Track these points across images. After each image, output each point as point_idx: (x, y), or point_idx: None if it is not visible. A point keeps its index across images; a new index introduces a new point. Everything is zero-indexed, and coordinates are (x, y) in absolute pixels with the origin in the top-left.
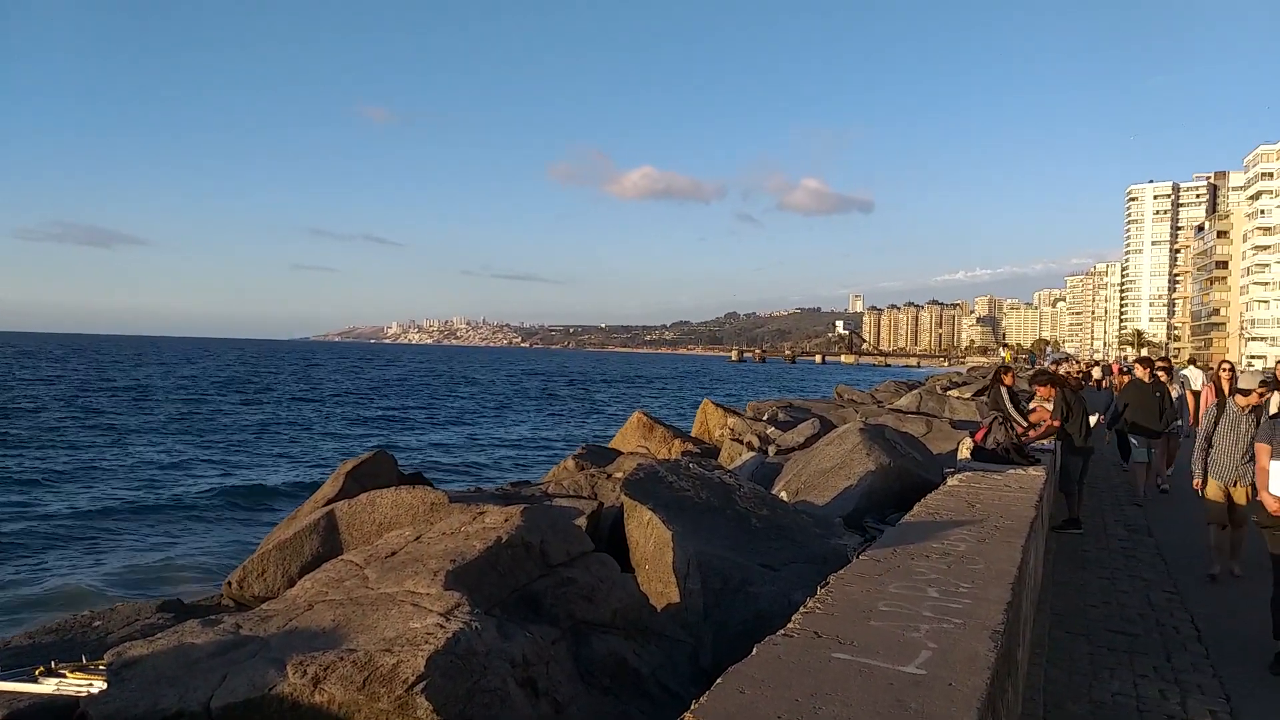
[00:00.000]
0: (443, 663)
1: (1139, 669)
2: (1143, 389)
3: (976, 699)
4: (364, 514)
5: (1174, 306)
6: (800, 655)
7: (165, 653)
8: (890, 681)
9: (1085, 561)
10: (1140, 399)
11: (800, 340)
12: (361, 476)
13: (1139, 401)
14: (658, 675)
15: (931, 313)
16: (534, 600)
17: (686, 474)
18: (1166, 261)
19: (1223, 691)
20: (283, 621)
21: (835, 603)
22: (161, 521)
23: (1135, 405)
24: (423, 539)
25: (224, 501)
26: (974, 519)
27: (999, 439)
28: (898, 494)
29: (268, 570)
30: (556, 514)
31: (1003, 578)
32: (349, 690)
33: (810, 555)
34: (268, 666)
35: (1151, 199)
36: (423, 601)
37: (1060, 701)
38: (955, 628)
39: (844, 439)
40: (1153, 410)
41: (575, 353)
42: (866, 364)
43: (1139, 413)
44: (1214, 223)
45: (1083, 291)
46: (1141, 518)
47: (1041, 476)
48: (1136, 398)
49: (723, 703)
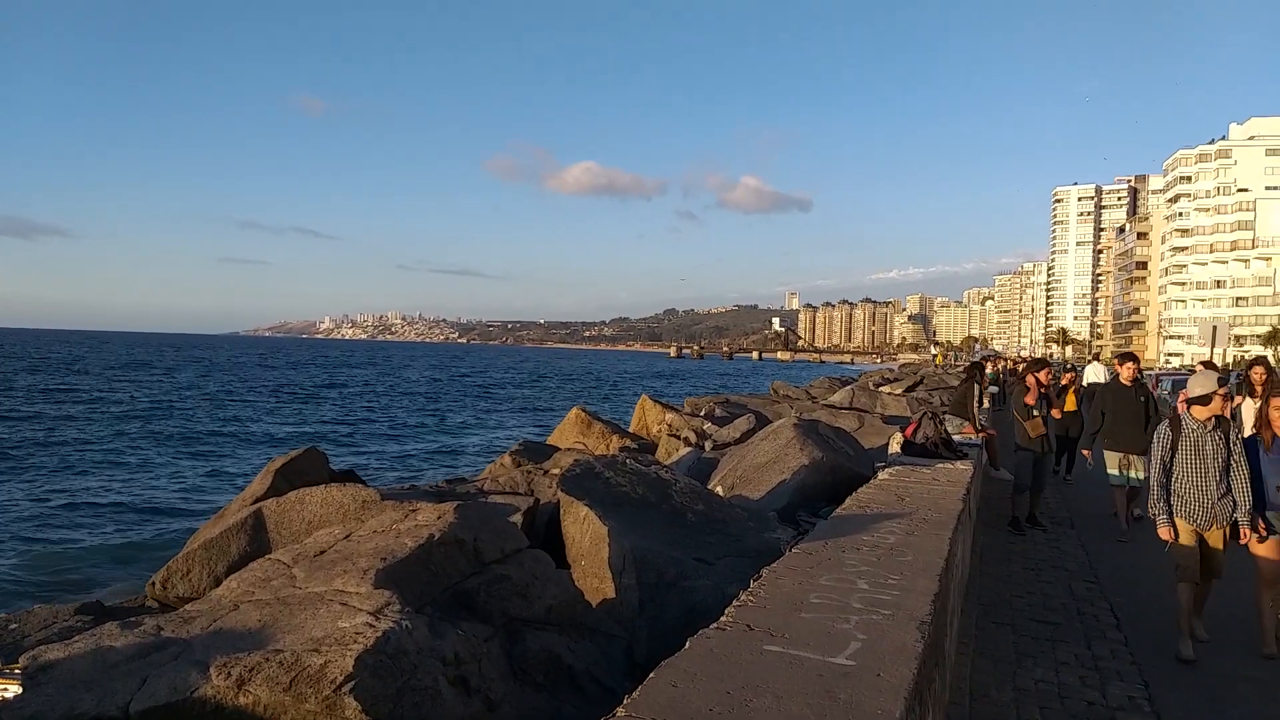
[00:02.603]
0: (372, 662)
1: (1061, 657)
2: (1123, 394)
3: (904, 689)
4: (293, 512)
5: (1097, 305)
6: (732, 648)
7: (82, 656)
8: (820, 673)
9: (1011, 554)
10: (1120, 405)
11: (738, 337)
12: (291, 474)
13: (1119, 409)
14: (592, 671)
15: (865, 310)
16: (467, 598)
17: (623, 470)
18: (1090, 261)
19: (1141, 678)
20: (207, 622)
21: (767, 595)
22: (80, 521)
23: (1114, 414)
24: (353, 537)
25: (146, 500)
26: (903, 512)
27: (928, 434)
28: (830, 488)
29: (193, 570)
30: (490, 511)
31: (930, 569)
32: (275, 691)
33: (744, 549)
34: (190, 669)
35: (1076, 201)
36: (352, 600)
37: (986, 690)
38: (884, 619)
39: (778, 434)
40: (1136, 420)
41: (514, 349)
42: (802, 360)
43: (1119, 423)
44: (1134, 225)
45: (1011, 290)
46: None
47: (969, 470)
48: (1116, 404)
49: (655, 696)
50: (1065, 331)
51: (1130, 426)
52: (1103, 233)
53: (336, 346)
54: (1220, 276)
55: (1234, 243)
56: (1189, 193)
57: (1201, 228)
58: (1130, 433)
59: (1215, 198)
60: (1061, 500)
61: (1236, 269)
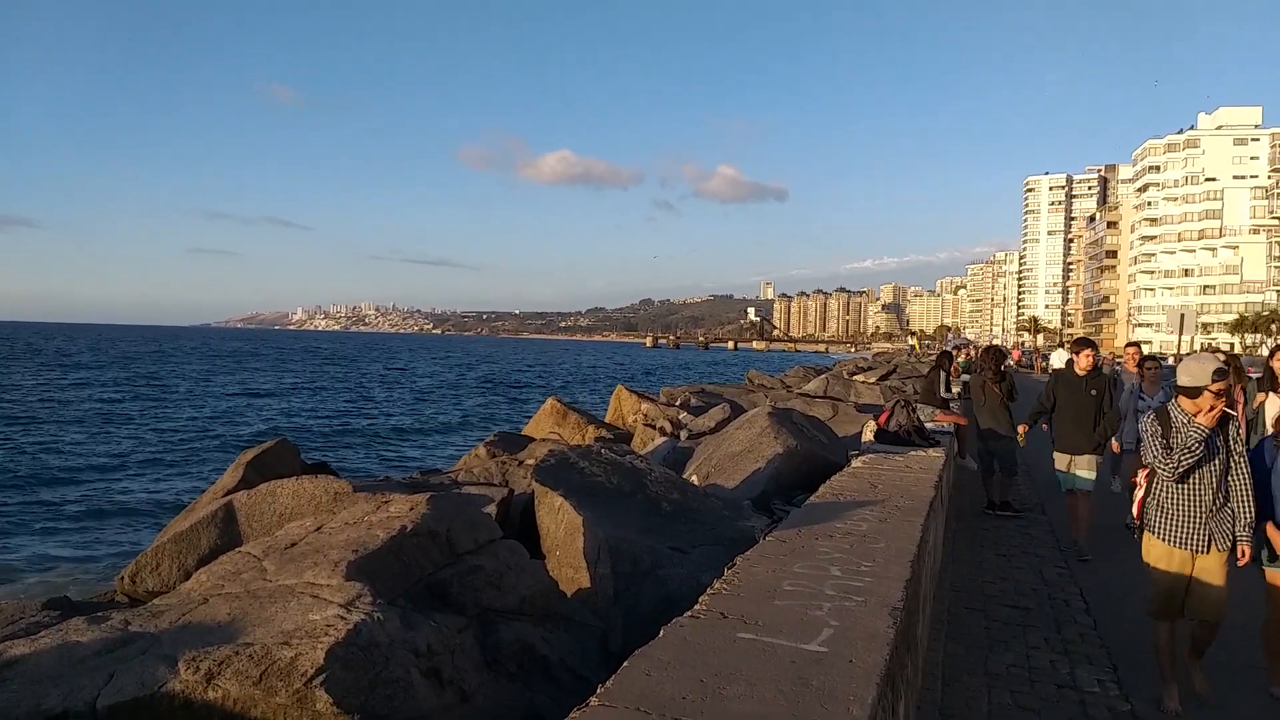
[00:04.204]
0: (343, 654)
1: (1031, 641)
2: (1074, 385)
3: (876, 674)
4: (264, 505)
5: (1068, 294)
6: (706, 636)
7: (48, 651)
8: (793, 659)
9: (983, 540)
10: (1070, 398)
11: (713, 327)
12: (262, 466)
13: (1067, 402)
14: (566, 661)
15: (839, 300)
16: (440, 589)
17: (598, 460)
18: (1061, 250)
19: (1109, 661)
20: (175, 616)
21: (741, 583)
22: (48, 515)
23: (1061, 408)
24: (324, 529)
25: (116, 495)
26: (876, 499)
27: (901, 421)
28: (804, 476)
29: (162, 564)
30: (464, 502)
31: (903, 556)
32: (244, 685)
33: (719, 537)
34: (158, 663)
35: (1047, 190)
36: (323, 593)
37: (958, 675)
38: (857, 605)
39: (753, 423)
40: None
41: (489, 339)
42: (777, 350)
43: (1063, 419)
44: (1104, 214)
45: (983, 279)
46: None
47: (941, 458)
48: (1064, 396)
49: (628, 685)
50: (1037, 320)
51: (1074, 424)
52: (1074, 222)
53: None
54: (1188, 265)
55: (1202, 231)
56: (1158, 182)
57: (1170, 217)
58: (1073, 431)
59: (1183, 187)
60: (1032, 486)
61: (1204, 258)
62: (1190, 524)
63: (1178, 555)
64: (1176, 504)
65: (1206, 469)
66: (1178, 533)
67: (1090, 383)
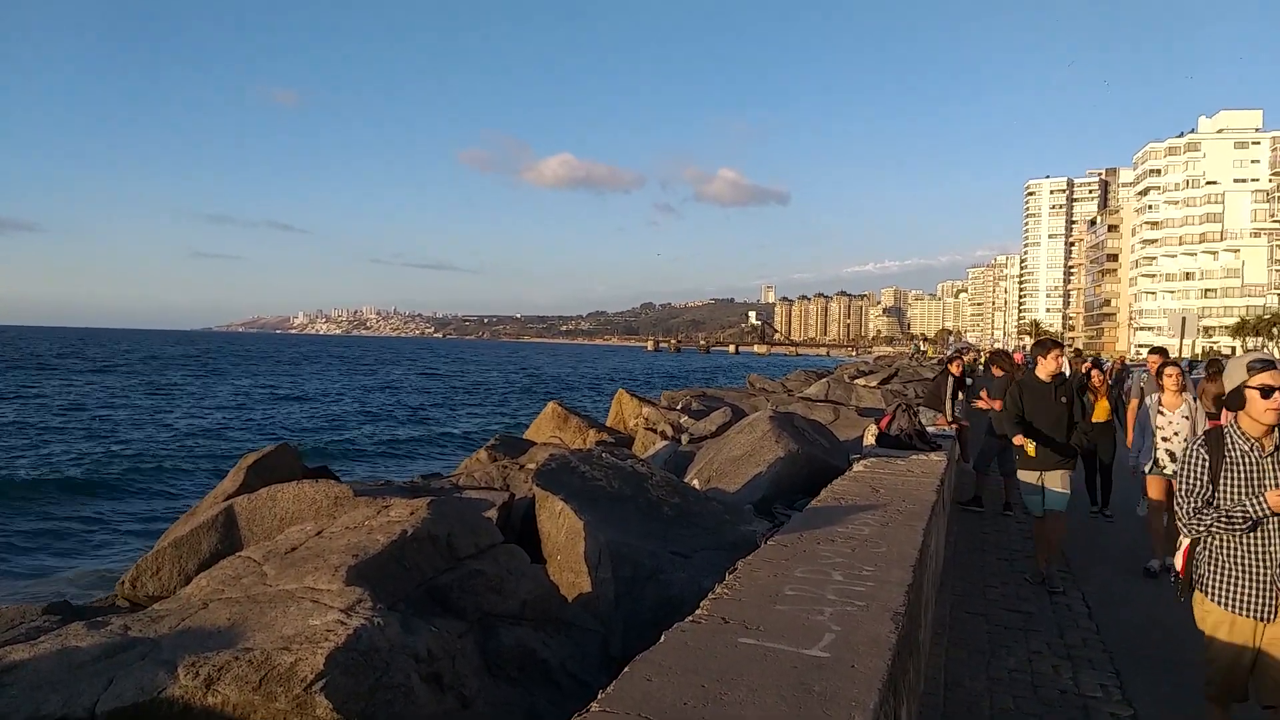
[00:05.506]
0: (343, 660)
1: (1034, 646)
2: (1039, 393)
3: (878, 679)
4: (265, 509)
5: (1069, 297)
6: (707, 641)
7: (48, 656)
8: (795, 665)
9: (984, 544)
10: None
11: (714, 330)
12: (263, 470)
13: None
14: (567, 665)
15: (840, 304)
16: (441, 594)
17: (599, 463)
18: (1062, 254)
19: (1112, 666)
20: (175, 621)
21: (743, 588)
22: (50, 519)
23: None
24: (324, 534)
25: (119, 499)
26: (878, 503)
27: (902, 425)
28: (806, 480)
29: (163, 569)
30: (465, 506)
31: (904, 560)
32: (244, 691)
33: (720, 542)
34: (157, 669)
35: (1048, 194)
36: (323, 598)
37: (960, 679)
38: (858, 610)
39: (754, 427)
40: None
41: (490, 343)
42: (778, 354)
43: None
44: (1105, 217)
45: (984, 283)
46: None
47: (943, 461)
48: (1029, 406)
49: (629, 690)
50: (1038, 324)
51: (1044, 436)
52: (1074, 225)
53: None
54: (1189, 268)
55: (1203, 235)
56: (1158, 185)
57: (1171, 220)
58: (1042, 445)
59: (1184, 190)
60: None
61: (1205, 261)
62: (1255, 584)
63: (1240, 624)
64: (1235, 557)
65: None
66: (1238, 595)
67: (1059, 389)
